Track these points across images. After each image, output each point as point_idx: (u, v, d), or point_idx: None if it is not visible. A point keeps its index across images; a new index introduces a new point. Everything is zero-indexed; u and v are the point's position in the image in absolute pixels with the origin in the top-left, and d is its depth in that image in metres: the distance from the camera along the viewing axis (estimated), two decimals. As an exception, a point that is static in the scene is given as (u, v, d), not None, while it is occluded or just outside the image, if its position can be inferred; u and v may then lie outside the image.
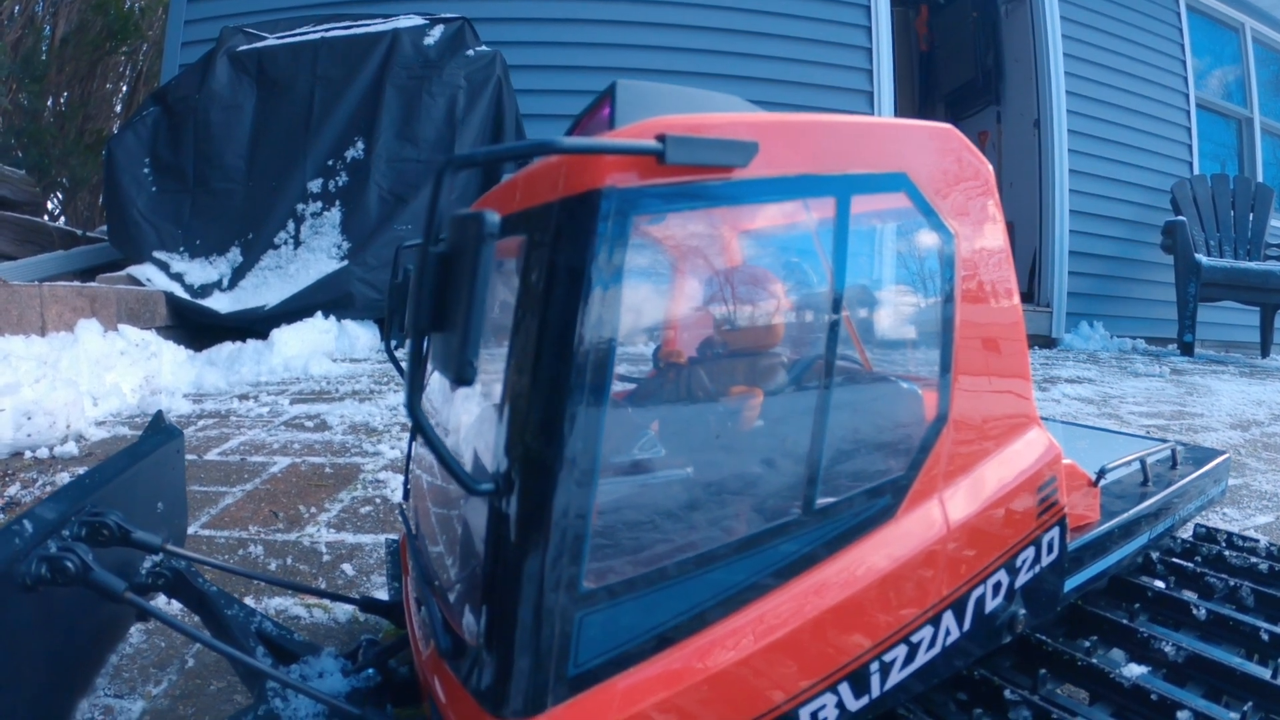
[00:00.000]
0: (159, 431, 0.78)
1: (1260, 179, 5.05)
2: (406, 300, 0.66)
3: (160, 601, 0.79)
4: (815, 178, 0.44)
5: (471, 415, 0.48)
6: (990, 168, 0.57)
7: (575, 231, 0.35)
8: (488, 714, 0.37)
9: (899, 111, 4.31)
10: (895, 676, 0.50)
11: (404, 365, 0.73)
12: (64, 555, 0.52)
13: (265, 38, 3.33)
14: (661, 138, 0.36)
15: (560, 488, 0.35)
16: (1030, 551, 0.59)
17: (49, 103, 6.08)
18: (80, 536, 0.57)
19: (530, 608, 0.35)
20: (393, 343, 0.68)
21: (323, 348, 2.57)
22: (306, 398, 2.02)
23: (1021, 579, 0.58)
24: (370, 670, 0.58)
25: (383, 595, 0.93)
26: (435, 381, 0.59)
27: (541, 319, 0.36)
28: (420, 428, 0.33)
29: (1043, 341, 4.40)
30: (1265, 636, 0.68)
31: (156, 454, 0.74)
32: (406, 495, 0.74)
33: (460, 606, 0.43)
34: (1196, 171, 4.85)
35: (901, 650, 0.50)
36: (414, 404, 0.33)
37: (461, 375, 0.30)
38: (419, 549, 0.58)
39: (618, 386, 0.38)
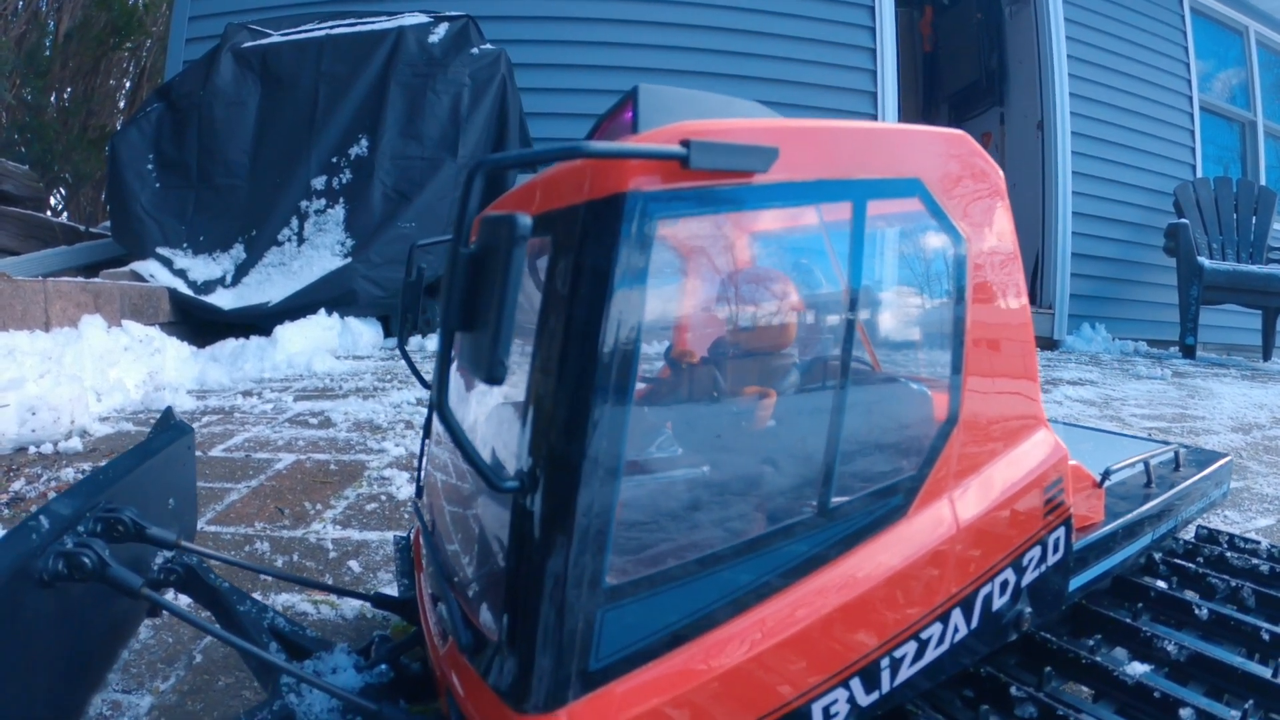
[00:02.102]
0: (169, 428, 0.78)
1: (1263, 182, 5.05)
2: (419, 298, 0.66)
3: (170, 597, 0.80)
4: (832, 183, 0.44)
5: (490, 413, 0.49)
6: (1000, 172, 0.57)
7: (601, 234, 0.36)
8: (509, 709, 0.38)
9: (902, 112, 4.32)
10: (905, 673, 0.51)
11: (415, 362, 0.73)
12: (81, 551, 0.52)
13: (270, 34, 3.33)
14: (686, 143, 0.36)
15: (585, 485, 0.36)
16: (1036, 551, 0.59)
17: (52, 98, 6.09)
18: (96, 532, 0.57)
19: (553, 604, 0.36)
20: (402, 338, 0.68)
21: (326, 345, 2.58)
22: (310, 394, 2.02)
23: (1028, 578, 0.59)
24: (383, 666, 0.59)
25: (390, 591, 0.94)
26: (451, 379, 0.59)
27: (567, 319, 0.36)
28: (447, 425, 0.34)
29: (1045, 343, 4.40)
30: (1266, 636, 0.69)
31: (167, 450, 0.74)
32: (420, 491, 0.75)
33: (480, 602, 0.43)
34: (1199, 174, 4.86)
35: (911, 647, 0.51)
36: (442, 401, 0.34)
37: (492, 374, 0.31)
38: (435, 545, 0.58)
39: (637, 386, 0.38)
